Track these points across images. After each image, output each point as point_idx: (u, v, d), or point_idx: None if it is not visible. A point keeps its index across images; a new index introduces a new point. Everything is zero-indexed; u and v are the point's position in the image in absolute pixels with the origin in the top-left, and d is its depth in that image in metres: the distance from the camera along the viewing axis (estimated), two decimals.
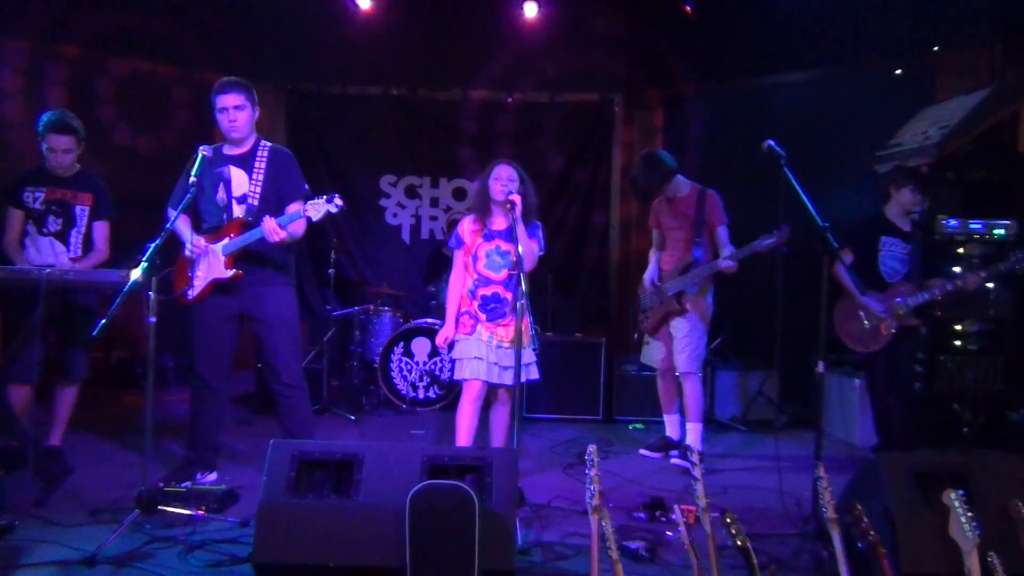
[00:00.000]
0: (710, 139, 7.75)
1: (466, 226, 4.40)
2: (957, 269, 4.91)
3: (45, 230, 4.50)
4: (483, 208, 4.34)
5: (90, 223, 4.60)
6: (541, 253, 4.36)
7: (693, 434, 5.06)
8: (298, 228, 4.16)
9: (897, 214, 4.99)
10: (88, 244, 4.60)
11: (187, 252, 4.16)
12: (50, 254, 4.49)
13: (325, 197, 3.94)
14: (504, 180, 4.23)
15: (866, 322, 4.85)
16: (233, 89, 4.16)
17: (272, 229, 3.97)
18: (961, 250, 5.63)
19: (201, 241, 4.14)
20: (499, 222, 4.32)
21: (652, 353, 5.33)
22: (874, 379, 5.10)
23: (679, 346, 5.04)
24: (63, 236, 4.53)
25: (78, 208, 4.56)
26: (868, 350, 4.89)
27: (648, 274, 5.31)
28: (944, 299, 4.81)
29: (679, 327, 5.05)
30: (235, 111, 4.16)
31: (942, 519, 2.76)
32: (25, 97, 6.78)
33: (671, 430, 5.34)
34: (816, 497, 2.99)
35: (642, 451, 5.39)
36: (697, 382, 5.06)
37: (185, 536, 3.49)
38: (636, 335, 5.40)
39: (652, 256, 5.40)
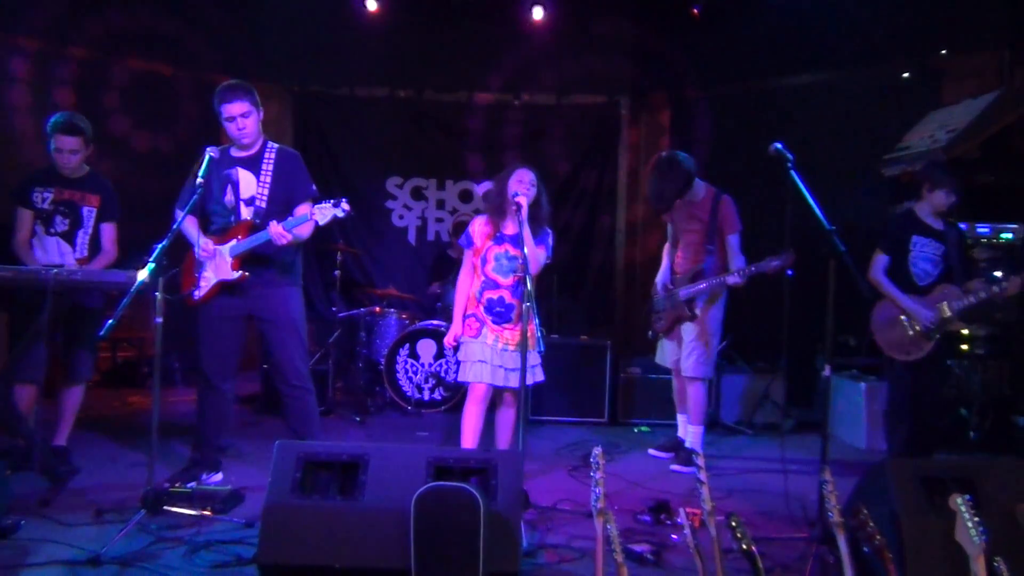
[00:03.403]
0: (717, 142, 7.74)
1: (477, 227, 4.38)
2: (998, 273, 4.55)
3: (52, 230, 4.52)
4: (498, 210, 4.29)
5: (97, 224, 4.62)
6: (548, 261, 4.35)
7: (693, 437, 5.08)
8: (304, 231, 4.16)
9: (928, 213, 4.70)
10: (95, 245, 4.62)
11: (197, 255, 4.17)
12: (56, 254, 4.51)
13: (332, 201, 3.94)
14: (526, 184, 4.21)
15: (910, 330, 4.57)
16: (237, 97, 4.13)
17: (278, 233, 3.98)
18: (969, 254, 5.60)
19: (210, 244, 4.14)
20: (511, 226, 4.29)
21: (665, 353, 5.31)
22: (910, 386, 4.69)
23: (686, 350, 5.04)
24: (70, 236, 4.55)
25: (85, 209, 4.58)
26: (910, 358, 4.59)
27: (661, 275, 5.28)
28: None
29: (688, 331, 5.04)
30: (242, 119, 4.15)
31: (948, 524, 2.74)
32: (33, 97, 6.82)
33: (683, 430, 5.33)
34: (822, 501, 2.98)
35: (651, 451, 5.41)
36: (701, 387, 5.05)
37: (190, 537, 3.50)
38: (650, 333, 5.38)
39: (665, 254, 5.34)
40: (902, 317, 4.62)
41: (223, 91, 4.15)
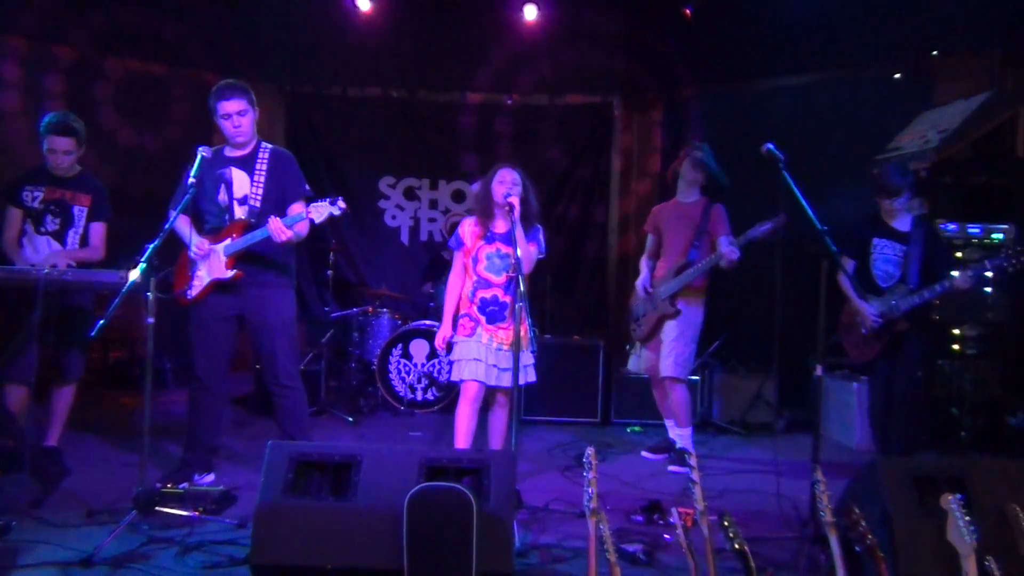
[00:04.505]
0: (709, 142, 7.63)
1: (467, 228, 4.39)
2: (989, 274, 4.58)
3: (43, 229, 4.50)
4: (485, 211, 4.32)
5: (87, 224, 4.60)
6: (541, 256, 4.36)
7: (684, 440, 5.08)
8: (303, 228, 4.16)
9: (886, 215, 4.71)
10: (85, 244, 4.60)
11: (191, 254, 4.16)
12: (46, 253, 4.48)
13: (328, 199, 3.95)
14: (508, 184, 4.22)
15: (862, 329, 4.64)
16: (235, 95, 4.15)
17: (278, 229, 3.97)
18: (960, 254, 5.61)
19: (204, 243, 4.14)
20: (500, 225, 4.32)
21: (640, 361, 5.30)
22: (872, 387, 4.87)
23: (666, 350, 5.01)
24: (60, 236, 4.53)
25: (76, 208, 4.56)
26: (864, 358, 4.70)
27: (640, 281, 5.27)
28: (940, 302, 4.59)
29: (668, 331, 5.02)
30: (239, 117, 4.16)
31: (940, 523, 2.76)
32: (23, 96, 6.78)
33: (672, 433, 5.33)
34: (814, 501, 2.99)
35: (643, 453, 5.40)
36: (683, 388, 5.04)
37: (182, 537, 3.49)
38: (628, 346, 5.39)
39: (644, 264, 5.34)
40: (856, 317, 4.67)
41: (221, 88, 4.17)
